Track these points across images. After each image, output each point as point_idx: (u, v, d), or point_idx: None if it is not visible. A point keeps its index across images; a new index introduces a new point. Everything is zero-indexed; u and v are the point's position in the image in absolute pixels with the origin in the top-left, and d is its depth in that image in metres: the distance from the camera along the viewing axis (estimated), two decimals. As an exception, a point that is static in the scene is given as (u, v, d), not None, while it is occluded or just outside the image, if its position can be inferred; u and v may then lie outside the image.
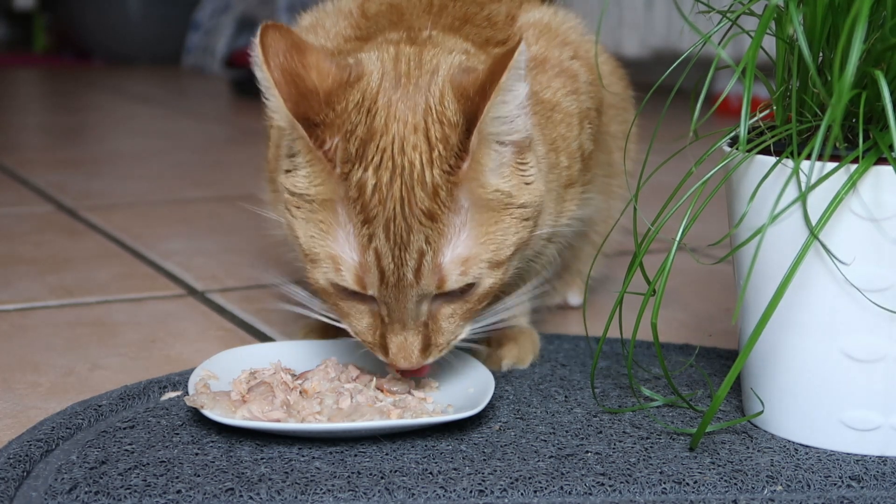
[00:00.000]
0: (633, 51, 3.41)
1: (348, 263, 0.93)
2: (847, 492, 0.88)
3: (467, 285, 0.94)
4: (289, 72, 0.92)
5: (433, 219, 0.91)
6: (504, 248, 0.94)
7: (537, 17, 1.15)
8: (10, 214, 1.91)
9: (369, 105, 0.93)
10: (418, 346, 0.95)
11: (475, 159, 0.92)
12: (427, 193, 0.91)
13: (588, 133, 1.13)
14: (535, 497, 0.87)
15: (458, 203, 0.92)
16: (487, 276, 0.94)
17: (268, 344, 1.11)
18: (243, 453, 0.92)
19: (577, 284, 1.35)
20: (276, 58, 0.92)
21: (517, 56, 0.90)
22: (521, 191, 0.95)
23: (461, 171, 0.91)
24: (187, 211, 1.96)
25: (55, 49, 5.03)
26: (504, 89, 0.90)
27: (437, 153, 0.91)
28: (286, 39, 0.93)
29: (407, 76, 0.95)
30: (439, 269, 0.92)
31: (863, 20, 0.80)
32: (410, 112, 0.93)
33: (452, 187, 0.91)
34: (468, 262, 0.93)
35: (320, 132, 0.92)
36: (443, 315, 0.96)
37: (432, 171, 0.91)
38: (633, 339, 0.96)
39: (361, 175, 0.91)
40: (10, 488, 0.86)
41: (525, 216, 0.95)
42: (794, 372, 0.94)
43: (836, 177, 0.86)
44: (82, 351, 1.21)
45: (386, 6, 1.14)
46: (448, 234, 0.92)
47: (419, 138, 0.92)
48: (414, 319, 0.94)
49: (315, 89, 0.93)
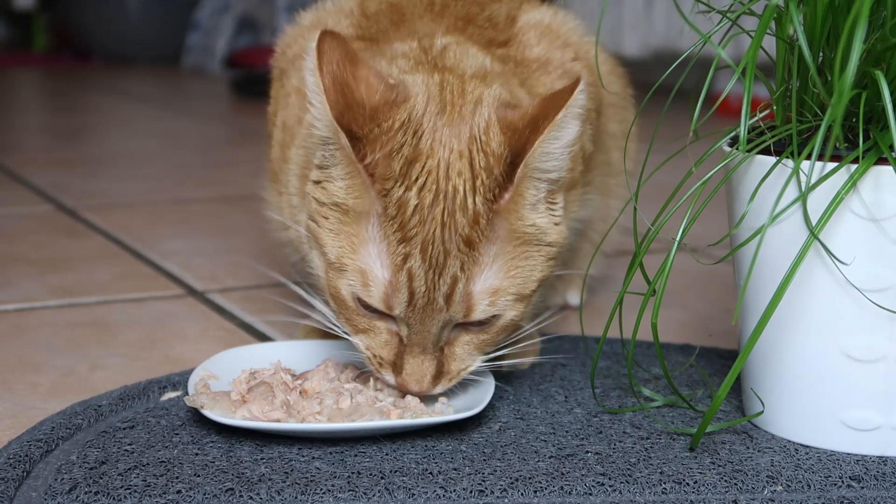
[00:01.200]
0: (633, 51, 3.41)
1: (378, 280, 0.92)
2: (847, 492, 0.88)
3: (492, 316, 0.94)
4: (339, 81, 0.92)
5: (471, 246, 0.91)
6: (530, 283, 0.94)
7: (538, 19, 1.15)
8: (10, 214, 1.91)
9: (416, 127, 0.92)
10: (432, 372, 0.94)
11: (517, 192, 0.92)
12: (468, 220, 0.90)
13: (589, 134, 1.13)
14: (535, 497, 0.87)
15: (498, 234, 0.92)
16: (511, 309, 0.94)
17: (268, 344, 1.11)
18: (243, 453, 0.92)
19: (577, 284, 1.35)
20: (330, 65, 0.92)
21: (576, 95, 0.90)
22: (550, 229, 0.95)
23: (502, 202, 0.91)
24: (187, 211, 1.96)
25: (55, 49, 5.03)
26: (559, 126, 0.91)
27: (481, 181, 0.91)
28: (342, 49, 0.93)
29: (451, 104, 0.95)
30: (469, 298, 0.92)
31: (863, 20, 0.80)
32: (455, 139, 0.92)
33: (492, 217, 0.91)
34: (497, 293, 0.92)
35: (362, 146, 0.92)
36: (459, 342, 0.95)
37: (475, 199, 0.91)
38: (633, 339, 0.96)
39: (403, 194, 0.90)
40: (10, 488, 0.86)
41: (551, 255, 0.96)
42: (794, 372, 0.94)
43: (836, 177, 0.86)
44: (82, 351, 1.21)
45: (386, 5, 1.14)
46: (483, 263, 0.92)
47: (464, 165, 0.91)
48: (434, 344, 0.94)
49: (362, 102, 0.92)
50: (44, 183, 2.17)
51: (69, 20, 4.69)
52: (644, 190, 1.00)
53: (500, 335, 0.97)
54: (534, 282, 0.94)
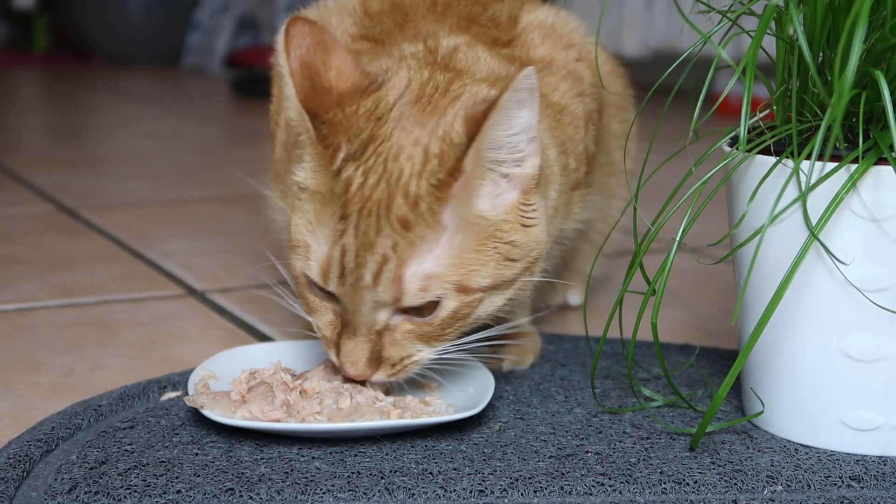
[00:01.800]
0: (633, 51, 3.41)
1: (317, 254, 0.93)
2: (847, 492, 0.88)
3: (430, 305, 0.92)
4: (307, 65, 0.94)
5: (406, 227, 0.91)
6: (477, 276, 0.92)
7: (541, 19, 1.15)
8: (10, 214, 1.91)
9: (381, 114, 0.93)
10: (366, 355, 0.94)
11: (468, 181, 0.91)
12: (408, 202, 0.90)
13: (592, 135, 1.13)
14: (535, 497, 0.87)
15: (440, 221, 0.91)
16: (451, 299, 0.92)
17: (268, 344, 1.11)
18: (243, 453, 0.92)
19: (577, 284, 1.35)
20: (298, 49, 0.94)
21: (519, 79, 0.89)
22: (513, 229, 0.94)
23: (451, 189, 0.91)
24: (187, 211, 1.96)
25: (55, 49, 5.03)
26: (502, 111, 0.89)
27: (430, 167, 0.91)
28: (314, 35, 0.95)
29: (429, 98, 0.95)
30: (400, 281, 0.91)
31: (863, 20, 0.80)
32: (419, 128, 0.93)
33: (436, 202, 0.91)
34: (431, 279, 0.91)
35: (325, 129, 0.94)
36: (400, 329, 0.94)
37: (419, 182, 0.91)
38: (633, 339, 0.96)
39: (352, 173, 0.92)
40: (10, 488, 0.86)
41: (512, 255, 0.94)
42: (794, 372, 0.94)
43: (836, 177, 0.86)
44: (82, 351, 1.21)
45: (389, 4, 1.14)
46: (418, 247, 0.91)
47: (417, 150, 0.92)
48: (367, 326, 0.93)
49: (330, 88, 0.94)
50: (44, 183, 2.17)
51: (69, 20, 4.69)
52: (644, 190, 1.00)
53: (447, 328, 0.94)
54: (484, 277, 0.93)
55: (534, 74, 0.89)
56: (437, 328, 0.94)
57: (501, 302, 0.96)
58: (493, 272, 0.93)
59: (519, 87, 0.89)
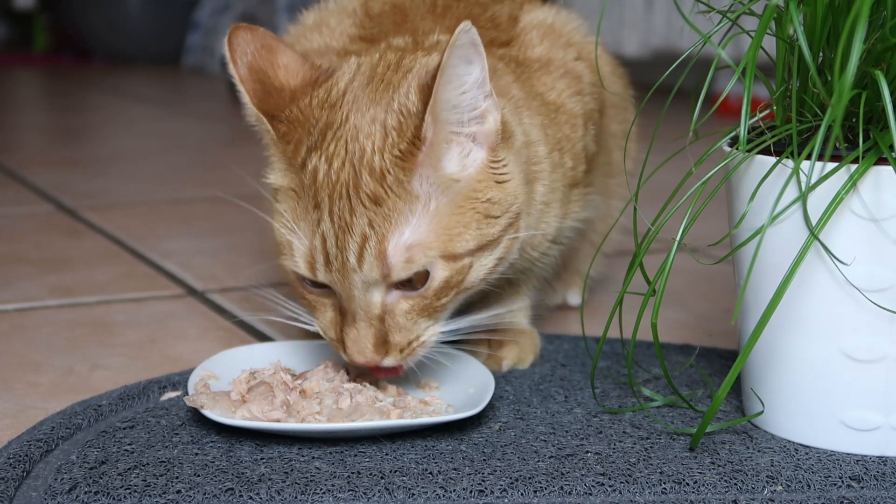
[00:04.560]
0: (633, 51, 3.41)
1: (300, 249, 0.94)
2: (847, 492, 0.88)
3: (421, 277, 0.93)
4: (255, 69, 0.97)
5: (378, 203, 0.91)
6: (460, 240, 0.93)
7: (541, 18, 1.15)
8: (10, 214, 1.91)
9: (334, 100, 0.95)
10: (371, 341, 0.94)
11: (431, 146, 0.92)
12: (375, 178, 0.91)
13: (591, 135, 1.13)
14: (535, 497, 0.87)
15: (411, 191, 0.92)
16: (441, 269, 0.93)
17: (268, 344, 1.11)
18: (243, 453, 0.92)
19: (576, 284, 1.35)
20: (244, 56, 0.97)
21: (458, 34, 0.88)
22: (487, 187, 0.95)
23: (416, 158, 0.91)
24: (187, 211, 1.96)
25: (55, 49, 5.03)
26: (448, 70, 0.90)
27: (391, 140, 0.92)
28: (257, 40, 0.97)
29: (381, 77, 0.96)
30: (384, 256, 0.91)
31: (863, 20, 0.80)
32: (374, 106, 0.94)
33: (403, 173, 0.91)
34: (414, 248, 0.91)
35: (284, 126, 0.95)
36: (399, 310, 0.94)
37: (382, 157, 0.91)
38: (633, 339, 0.96)
39: (316, 162, 0.93)
40: (10, 488, 0.86)
41: (491, 213, 0.95)
42: (794, 372, 0.94)
43: (836, 177, 0.86)
44: (82, 351, 1.21)
45: (389, 6, 1.15)
46: (395, 220, 0.91)
47: (375, 127, 0.93)
48: (364, 311, 0.93)
49: (282, 87, 0.96)
50: (44, 183, 2.17)
51: (69, 20, 4.69)
52: (644, 190, 1.00)
53: (442, 298, 0.95)
54: (467, 240, 0.93)
55: (471, 28, 0.89)
56: (433, 299, 0.94)
57: (492, 263, 0.96)
58: (477, 233, 0.94)
59: (459, 42, 0.89)
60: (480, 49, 0.91)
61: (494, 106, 0.95)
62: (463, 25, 0.88)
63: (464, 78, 0.91)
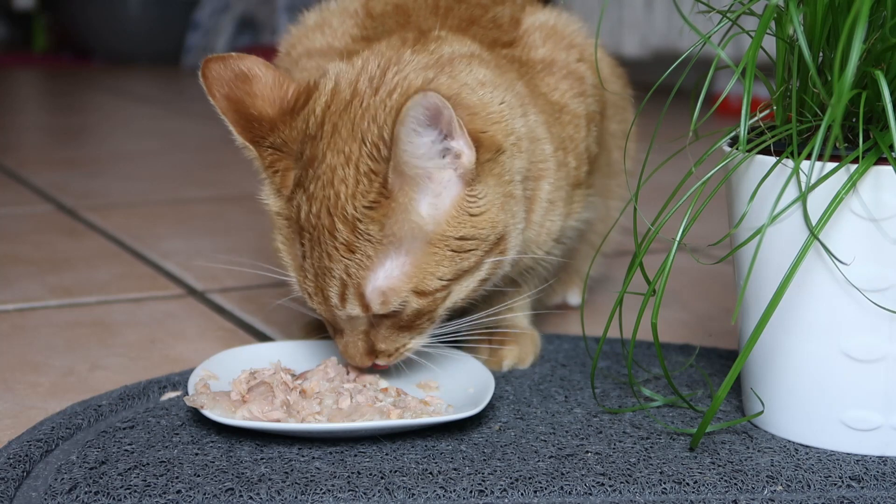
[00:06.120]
0: (633, 51, 3.41)
1: (293, 277, 0.99)
2: (847, 492, 0.88)
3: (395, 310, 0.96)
4: (233, 100, 0.99)
5: (352, 251, 0.93)
6: (432, 279, 0.95)
7: (543, 20, 1.15)
8: (10, 214, 1.91)
9: (314, 132, 0.95)
10: (361, 349, 0.98)
11: (400, 195, 0.92)
12: (348, 226, 0.93)
13: (594, 136, 1.14)
14: (535, 497, 0.87)
15: (383, 234, 0.93)
16: (414, 303, 0.95)
17: (268, 344, 1.11)
18: (243, 453, 0.92)
19: (576, 284, 1.35)
20: (221, 88, 0.99)
21: (408, 107, 0.87)
22: (461, 224, 0.94)
23: (385, 208, 0.92)
24: (187, 211, 1.96)
25: (55, 49, 5.02)
26: (401, 140, 0.89)
27: (362, 187, 0.92)
28: (230, 70, 0.99)
29: (360, 100, 0.95)
30: (362, 298, 0.94)
31: (863, 20, 0.80)
32: (349, 141, 0.93)
33: (372, 223, 0.92)
34: (388, 293, 0.94)
35: (270, 156, 0.98)
36: (383, 326, 0.98)
37: (354, 204, 0.92)
38: (633, 339, 0.96)
39: (300, 199, 0.96)
40: (10, 488, 0.86)
41: (465, 248, 0.95)
42: (794, 372, 0.94)
43: (836, 177, 0.86)
44: (82, 351, 1.21)
45: (392, 6, 1.15)
46: (368, 268, 0.93)
47: (349, 171, 0.93)
48: (351, 329, 0.98)
49: (261, 116, 0.98)
50: (44, 183, 2.17)
51: (69, 20, 4.69)
52: (644, 190, 1.00)
53: (418, 321, 0.98)
54: (439, 278, 0.95)
55: (424, 96, 0.87)
56: (410, 322, 0.97)
57: (475, 284, 0.98)
58: (450, 268, 0.95)
59: (407, 118, 0.88)
60: (439, 110, 0.89)
61: (467, 144, 0.93)
62: (416, 98, 0.87)
63: (416, 143, 0.90)
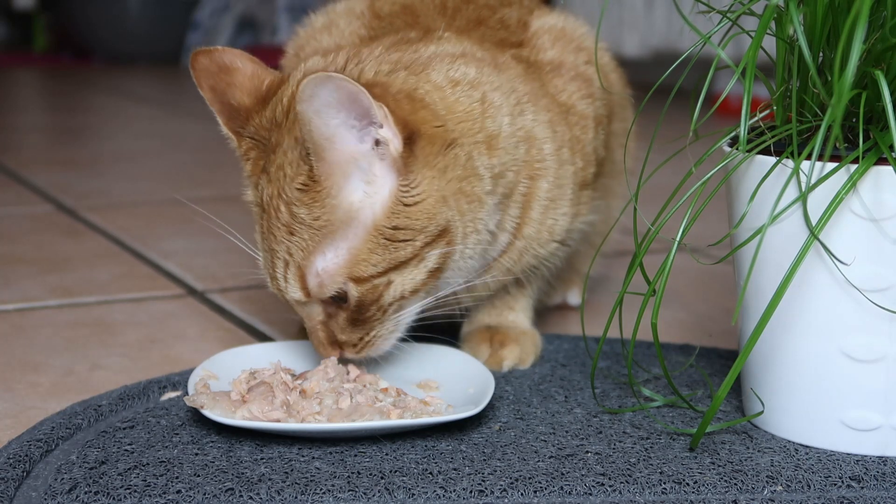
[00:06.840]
0: (633, 51, 3.41)
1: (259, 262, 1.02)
2: (847, 492, 0.88)
3: (343, 294, 0.97)
4: (217, 91, 1.02)
5: (292, 233, 0.96)
6: (366, 265, 0.95)
7: (552, 23, 1.16)
8: (10, 214, 1.91)
9: (280, 120, 0.98)
10: (322, 339, 1.00)
11: (327, 180, 0.94)
12: (287, 209, 0.96)
13: (601, 139, 1.14)
14: (535, 497, 0.87)
15: (314, 218, 0.95)
16: (353, 290, 0.97)
17: (268, 344, 1.11)
18: (243, 453, 0.92)
19: (576, 284, 1.35)
20: (209, 79, 1.02)
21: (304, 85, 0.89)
22: (394, 213, 0.95)
23: (314, 192, 0.94)
24: (187, 211, 1.96)
25: (55, 49, 5.02)
26: (305, 120, 0.91)
27: (298, 171, 0.95)
28: (215, 63, 1.02)
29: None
30: (302, 279, 0.96)
31: (863, 20, 0.80)
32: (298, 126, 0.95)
33: (305, 206, 0.95)
34: (323, 275, 0.96)
35: (245, 144, 1.01)
36: (339, 317, 0.99)
37: (290, 187, 0.95)
38: (633, 339, 0.96)
39: (263, 184, 0.98)
40: (10, 488, 0.86)
41: (399, 237, 0.95)
42: (794, 372, 0.94)
43: (836, 177, 0.86)
44: (82, 351, 1.21)
45: (399, 7, 1.15)
46: (305, 249, 0.96)
47: (293, 156, 0.96)
48: (309, 318, 1.00)
49: (239, 106, 1.02)
50: (44, 183, 2.17)
51: (69, 20, 4.69)
52: (644, 190, 1.00)
53: (365, 313, 0.98)
54: (374, 265, 0.95)
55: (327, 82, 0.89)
56: (357, 313, 0.98)
57: (423, 275, 0.98)
58: (384, 258, 0.96)
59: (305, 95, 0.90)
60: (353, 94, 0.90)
61: (394, 133, 0.94)
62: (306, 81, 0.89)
63: (329, 120, 0.92)
